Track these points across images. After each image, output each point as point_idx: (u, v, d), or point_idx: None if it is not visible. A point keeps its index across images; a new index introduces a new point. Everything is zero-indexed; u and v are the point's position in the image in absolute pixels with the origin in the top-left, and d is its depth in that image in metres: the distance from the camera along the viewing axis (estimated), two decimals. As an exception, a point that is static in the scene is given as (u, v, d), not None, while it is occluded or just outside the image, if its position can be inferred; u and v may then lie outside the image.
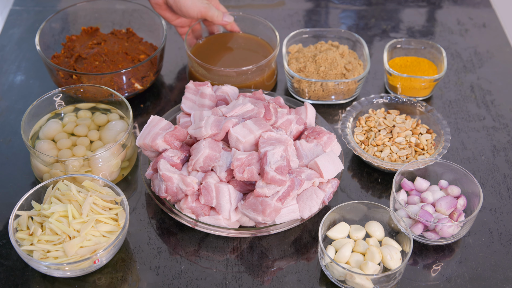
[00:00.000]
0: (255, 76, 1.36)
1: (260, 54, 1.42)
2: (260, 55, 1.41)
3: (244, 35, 1.46)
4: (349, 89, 1.36)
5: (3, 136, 1.30)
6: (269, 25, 1.43)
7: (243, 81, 1.36)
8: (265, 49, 1.43)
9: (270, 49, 1.42)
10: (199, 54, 1.41)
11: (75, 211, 1.04)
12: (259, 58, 1.40)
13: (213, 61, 1.39)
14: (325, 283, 1.07)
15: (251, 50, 1.44)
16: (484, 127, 1.35)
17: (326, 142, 1.17)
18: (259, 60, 1.39)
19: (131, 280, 1.07)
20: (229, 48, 1.44)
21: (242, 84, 1.36)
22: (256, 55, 1.42)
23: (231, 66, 1.38)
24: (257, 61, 1.38)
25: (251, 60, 1.40)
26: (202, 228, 1.10)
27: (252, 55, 1.42)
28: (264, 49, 1.43)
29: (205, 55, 1.40)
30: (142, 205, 1.19)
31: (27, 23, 1.58)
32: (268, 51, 1.42)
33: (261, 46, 1.44)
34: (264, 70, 1.37)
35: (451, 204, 1.12)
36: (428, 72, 1.39)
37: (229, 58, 1.41)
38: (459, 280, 1.08)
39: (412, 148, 1.23)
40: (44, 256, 1.02)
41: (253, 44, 1.45)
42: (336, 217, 1.10)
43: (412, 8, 1.67)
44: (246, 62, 1.39)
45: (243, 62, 1.39)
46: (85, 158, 1.13)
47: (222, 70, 1.34)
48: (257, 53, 1.42)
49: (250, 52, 1.43)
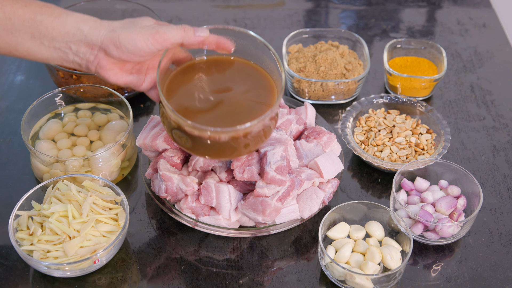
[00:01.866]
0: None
1: (259, 93, 1.05)
2: (258, 95, 1.05)
3: (236, 62, 1.09)
4: (349, 89, 1.36)
5: (3, 136, 1.30)
6: (271, 52, 1.05)
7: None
8: (265, 83, 1.07)
9: (271, 83, 1.06)
10: (172, 92, 1.03)
11: (75, 211, 1.04)
12: (257, 107, 1.02)
13: (191, 110, 1.01)
14: (325, 283, 1.07)
15: (245, 87, 1.05)
16: (484, 127, 1.35)
17: (326, 142, 1.17)
18: (256, 110, 1.01)
19: (131, 280, 1.07)
20: (215, 85, 1.06)
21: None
22: (254, 98, 1.04)
23: (215, 122, 0.99)
24: (253, 112, 1.01)
25: (245, 109, 1.02)
26: (202, 228, 1.10)
27: (248, 101, 1.03)
28: (263, 83, 1.07)
29: (181, 96, 1.03)
30: (142, 205, 1.19)
31: (27, 23, 1.58)
32: (269, 86, 1.06)
33: (259, 79, 1.07)
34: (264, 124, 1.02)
35: (451, 204, 1.12)
36: (428, 72, 1.39)
37: (214, 104, 1.02)
38: (459, 280, 1.08)
39: (412, 148, 1.23)
40: (44, 256, 1.02)
41: (248, 77, 1.07)
42: (336, 217, 1.10)
43: (412, 8, 1.67)
44: (238, 112, 1.01)
45: (233, 114, 1.01)
46: (85, 158, 1.13)
47: (205, 132, 0.97)
48: (254, 93, 1.05)
49: (245, 92, 1.05)
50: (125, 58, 0.97)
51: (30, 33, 0.97)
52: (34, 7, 0.97)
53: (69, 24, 0.97)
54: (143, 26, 0.97)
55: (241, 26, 1.59)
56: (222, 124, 0.97)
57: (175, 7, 1.64)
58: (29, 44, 0.98)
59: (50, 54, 0.99)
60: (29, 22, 0.96)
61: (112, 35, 0.96)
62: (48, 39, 0.97)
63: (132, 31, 0.96)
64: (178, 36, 0.96)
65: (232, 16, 1.62)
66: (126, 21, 0.99)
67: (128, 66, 1.01)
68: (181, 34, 0.97)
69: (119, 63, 1.00)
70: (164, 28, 0.96)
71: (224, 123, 0.98)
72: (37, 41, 0.97)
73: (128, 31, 0.96)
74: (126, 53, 0.96)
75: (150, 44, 0.96)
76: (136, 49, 0.96)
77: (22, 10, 0.96)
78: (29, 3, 0.97)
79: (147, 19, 0.99)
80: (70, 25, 0.97)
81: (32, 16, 0.96)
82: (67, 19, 0.97)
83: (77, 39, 0.97)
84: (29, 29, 0.96)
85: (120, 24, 0.98)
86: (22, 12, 0.96)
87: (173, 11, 1.63)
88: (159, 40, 0.96)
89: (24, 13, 0.96)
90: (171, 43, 0.97)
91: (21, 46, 0.98)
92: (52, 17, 0.97)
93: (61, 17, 0.97)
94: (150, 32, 0.95)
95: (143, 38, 0.95)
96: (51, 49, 0.98)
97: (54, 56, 0.99)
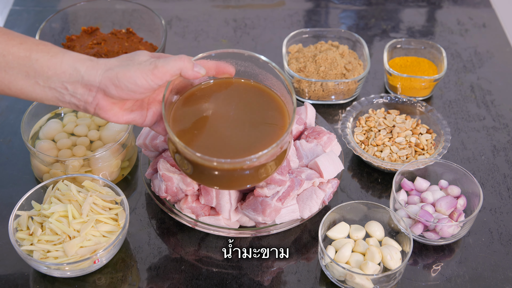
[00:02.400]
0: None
1: (269, 117, 1.00)
2: (268, 119, 1.00)
3: (242, 84, 1.04)
4: (349, 89, 1.36)
5: (3, 136, 1.30)
6: (282, 76, 1.00)
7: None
8: (274, 104, 1.02)
9: (282, 106, 1.01)
10: (179, 123, 1.00)
11: (75, 211, 1.04)
12: (268, 133, 0.98)
13: (197, 139, 0.97)
14: (325, 283, 1.07)
15: (255, 111, 1.01)
16: (484, 127, 1.35)
17: (326, 142, 1.17)
18: (267, 137, 0.97)
19: (131, 280, 1.07)
20: (223, 110, 1.01)
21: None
22: (263, 122, 1.00)
23: (226, 153, 0.96)
24: (265, 138, 0.97)
25: (256, 135, 0.98)
26: (202, 228, 1.10)
27: (258, 127, 0.99)
28: (272, 106, 1.02)
29: (189, 127, 0.99)
30: (142, 205, 1.19)
31: (27, 23, 1.59)
32: (280, 110, 1.01)
33: (269, 101, 1.03)
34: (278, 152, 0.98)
35: (451, 204, 1.12)
36: (428, 72, 1.39)
37: (221, 132, 0.98)
38: (459, 280, 1.08)
39: (412, 148, 1.23)
40: (44, 256, 1.02)
41: (257, 100, 1.03)
42: (336, 217, 1.10)
43: (412, 8, 1.67)
44: (248, 139, 0.97)
45: (244, 142, 0.97)
46: (85, 158, 1.13)
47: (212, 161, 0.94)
48: (264, 117, 1.01)
49: (254, 116, 1.00)
50: (125, 97, 0.94)
51: (25, 72, 0.92)
52: (29, 44, 0.93)
53: (66, 63, 0.93)
54: (140, 62, 0.93)
55: (241, 26, 1.60)
56: (232, 155, 0.94)
57: (175, 7, 1.64)
58: (22, 83, 0.93)
59: (45, 94, 0.94)
60: (24, 60, 0.92)
61: (110, 74, 0.92)
62: (43, 78, 0.93)
63: (130, 68, 0.92)
64: (177, 67, 0.93)
65: (232, 16, 1.62)
66: (122, 58, 0.95)
67: (129, 104, 0.98)
68: (180, 65, 0.93)
69: (119, 102, 0.96)
70: (162, 62, 0.93)
71: (235, 153, 0.95)
72: (31, 80, 0.93)
73: (126, 69, 0.92)
74: (126, 91, 0.93)
75: (150, 80, 0.93)
76: (136, 87, 0.93)
77: (17, 48, 0.92)
78: (25, 41, 0.93)
79: (143, 53, 0.96)
80: (67, 65, 0.93)
81: (27, 54, 0.92)
82: (64, 59, 0.93)
83: (74, 80, 0.93)
84: (23, 68, 0.92)
85: (117, 61, 0.94)
86: (17, 49, 0.92)
87: (173, 11, 1.63)
88: (158, 75, 0.93)
89: (19, 51, 0.92)
90: (171, 76, 0.94)
91: (14, 85, 0.93)
92: (48, 55, 0.93)
93: (58, 56, 0.93)
94: (148, 68, 0.92)
95: (142, 74, 0.92)
96: (46, 89, 0.94)
97: (49, 96, 0.95)
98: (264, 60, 1.01)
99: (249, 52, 1.01)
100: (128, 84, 0.92)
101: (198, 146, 0.96)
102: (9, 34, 0.94)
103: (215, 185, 0.99)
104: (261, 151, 0.92)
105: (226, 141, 0.97)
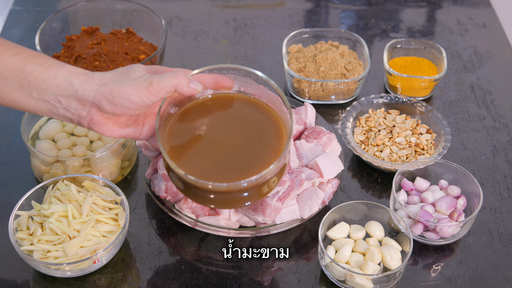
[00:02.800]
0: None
1: (266, 135, 0.98)
2: (265, 137, 0.98)
3: (242, 99, 1.02)
4: (349, 89, 1.36)
5: (3, 136, 1.30)
6: (281, 97, 0.98)
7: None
8: (272, 121, 1.00)
9: (278, 121, 1.00)
10: (174, 138, 0.98)
11: (75, 211, 1.04)
12: (265, 152, 0.96)
13: (195, 161, 0.95)
14: (325, 283, 1.07)
15: (252, 128, 0.99)
16: (484, 127, 1.35)
17: (326, 142, 1.17)
18: (264, 156, 0.95)
19: (131, 280, 1.07)
20: (220, 127, 0.99)
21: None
22: (261, 140, 0.98)
23: (222, 173, 0.94)
24: (262, 158, 0.95)
25: (253, 154, 0.96)
26: (202, 228, 1.10)
27: (255, 145, 0.97)
28: (270, 122, 1.00)
29: (183, 145, 0.97)
30: (142, 205, 1.19)
31: (27, 23, 1.59)
32: (276, 125, 0.99)
33: (266, 118, 1.00)
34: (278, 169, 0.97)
35: (451, 204, 1.12)
36: (428, 72, 1.39)
37: (219, 150, 0.96)
38: (459, 280, 1.08)
39: (412, 148, 1.23)
40: (44, 256, 1.02)
41: (255, 116, 1.00)
42: (336, 217, 1.10)
43: (412, 8, 1.67)
44: (246, 159, 0.95)
45: (241, 161, 0.95)
46: (85, 158, 1.14)
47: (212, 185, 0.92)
48: (261, 135, 0.98)
49: (251, 134, 0.98)
50: (119, 113, 0.93)
51: (18, 83, 0.92)
52: (25, 56, 0.92)
53: (60, 77, 0.92)
54: (135, 78, 0.92)
55: (241, 26, 1.60)
56: (229, 176, 0.92)
57: (175, 7, 1.65)
58: (16, 94, 0.92)
59: (39, 106, 0.93)
60: (18, 72, 0.91)
61: (104, 90, 0.91)
62: (37, 90, 0.92)
63: (125, 84, 0.91)
64: (172, 84, 0.91)
65: (232, 16, 1.62)
66: (117, 73, 0.94)
67: (123, 118, 0.97)
68: (175, 81, 0.92)
69: (113, 117, 0.95)
70: (157, 78, 0.91)
71: (231, 173, 0.93)
72: (25, 91, 0.92)
73: (121, 85, 0.91)
74: (120, 107, 0.92)
75: (144, 97, 0.91)
76: (130, 103, 0.91)
77: (12, 59, 0.91)
78: (20, 52, 0.92)
79: (139, 68, 0.94)
80: (61, 78, 0.92)
81: (22, 65, 0.91)
82: (58, 72, 0.92)
83: (68, 94, 0.92)
84: (17, 79, 0.91)
85: (112, 76, 0.93)
86: (11, 60, 0.91)
87: (173, 11, 1.63)
88: (153, 92, 0.91)
89: (13, 62, 0.91)
90: (166, 92, 0.92)
91: (8, 96, 0.93)
92: (43, 68, 0.92)
93: (52, 69, 0.92)
94: (143, 85, 0.91)
95: (136, 91, 0.90)
96: (40, 101, 0.93)
97: (43, 109, 0.94)
98: (262, 77, 0.98)
99: (247, 68, 0.99)
100: (122, 101, 0.91)
101: (193, 166, 0.94)
102: (4, 44, 0.93)
103: (211, 205, 0.97)
104: (259, 170, 0.91)
105: (223, 161, 0.95)
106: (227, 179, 0.92)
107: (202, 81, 0.97)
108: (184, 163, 0.94)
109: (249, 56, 1.51)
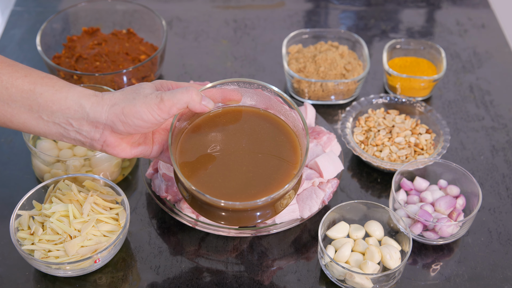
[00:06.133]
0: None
1: (281, 151, 0.97)
2: (280, 152, 0.97)
3: (253, 112, 1.01)
4: (349, 89, 1.36)
5: (4, 136, 1.30)
6: (296, 110, 0.97)
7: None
8: (286, 136, 0.99)
9: (293, 136, 0.98)
10: (185, 155, 0.97)
11: (76, 211, 1.05)
12: (280, 168, 0.95)
13: (209, 179, 0.94)
14: (325, 283, 1.08)
15: (266, 143, 0.97)
16: (483, 127, 1.35)
17: (326, 142, 1.17)
18: (279, 174, 0.94)
19: (131, 280, 1.08)
20: (233, 142, 0.98)
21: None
22: (275, 156, 0.96)
23: (235, 191, 0.93)
24: (276, 175, 0.94)
25: (267, 172, 0.94)
26: (202, 227, 1.11)
27: (270, 161, 0.95)
28: (284, 137, 0.98)
29: (195, 161, 0.96)
30: (142, 204, 1.19)
31: (28, 23, 1.59)
32: (290, 140, 0.98)
33: (280, 132, 0.99)
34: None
35: (450, 204, 1.13)
36: (427, 73, 1.39)
37: (233, 167, 0.95)
38: (458, 279, 1.09)
39: (411, 148, 1.24)
40: (45, 255, 1.02)
41: (269, 131, 0.99)
42: (335, 216, 1.11)
43: (412, 8, 1.67)
44: (259, 176, 0.94)
45: (254, 179, 0.94)
46: (86, 158, 1.14)
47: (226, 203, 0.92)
48: (276, 151, 0.97)
49: (265, 149, 0.96)
50: (132, 132, 0.91)
51: (28, 105, 0.90)
52: (34, 77, 0.90)
53: (71, 99, 0.90)
54: (146, 95, 0.90)
55: (241, 27, 1.60)
56: (242, 195, 0.92)
57: (175, 8, 1.65)
58: (25, 117, 0.91)
59: (49, 129, 0.92)
60: (28, 94, 0.89)
61: (115, 110, 0.90)
62: (47, 113, 0.90)
63: (136, 102, 0.89)
64: (184, 101, 0.90)
65: (232, 16, 1.63)
66: (127, 91, 0.92)
67: (136, 137, 0.96)
68: (187, 98, 0.90)
69: (126, 137, 0.94)
70: (168, 95, 0.89)
71: (243, 192, 0.92)
72: (35, 114, 0.90)
73: (132, 103, 0.89)
74: (134, 127, 0.90)
75: (156, 115, 0.89)
76: (143, 122, 0.90)
77: (21, 80, 0.89)
78: (30, 73, 0.91)
79: (147, 86, 0.93)
80: (72, 101, 0.90)
81: (32, 87, 0.89)
82: (69, 94, 0.90)
83: (79, 116, 0.90)
84: (27, 101, 0.89)
85: (122, 95, 0.91)
86: (21, 82, 0.89)
87: (173, 11, 1.64)
88: (165, 109, 0.89)
89: (23, 84, 0.89)
90: (178, 109, 0.90)
91: (17, 118, 0.91)
92: (53, 90, 0.90)
93: (63, 91, 0.90)
94: (154, 102, 0.89)
95: (148, 109, 0.89)
96: (50, 124, 0.91)
97: (53, 131, 0.92)
98: (276, 91, 0.98)
99: (260, 82, 0.98)
100: (134, 120, 0.89)
101: (206, 183, 0.93)
102: (14, 66, 0.91)
103: (222, 221, 0.97)
104: (275, 187, 0.91)
105: (236, 179, 0.94)
106: (239, 198, 0.92)
107: (210, 95, 0.96)
108: (198, 181, 0.93)
109: (249, 56, 1.52)
